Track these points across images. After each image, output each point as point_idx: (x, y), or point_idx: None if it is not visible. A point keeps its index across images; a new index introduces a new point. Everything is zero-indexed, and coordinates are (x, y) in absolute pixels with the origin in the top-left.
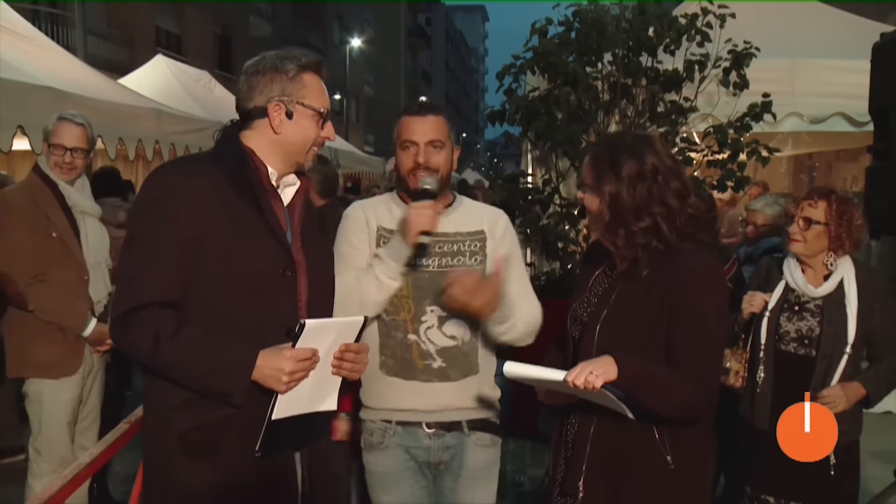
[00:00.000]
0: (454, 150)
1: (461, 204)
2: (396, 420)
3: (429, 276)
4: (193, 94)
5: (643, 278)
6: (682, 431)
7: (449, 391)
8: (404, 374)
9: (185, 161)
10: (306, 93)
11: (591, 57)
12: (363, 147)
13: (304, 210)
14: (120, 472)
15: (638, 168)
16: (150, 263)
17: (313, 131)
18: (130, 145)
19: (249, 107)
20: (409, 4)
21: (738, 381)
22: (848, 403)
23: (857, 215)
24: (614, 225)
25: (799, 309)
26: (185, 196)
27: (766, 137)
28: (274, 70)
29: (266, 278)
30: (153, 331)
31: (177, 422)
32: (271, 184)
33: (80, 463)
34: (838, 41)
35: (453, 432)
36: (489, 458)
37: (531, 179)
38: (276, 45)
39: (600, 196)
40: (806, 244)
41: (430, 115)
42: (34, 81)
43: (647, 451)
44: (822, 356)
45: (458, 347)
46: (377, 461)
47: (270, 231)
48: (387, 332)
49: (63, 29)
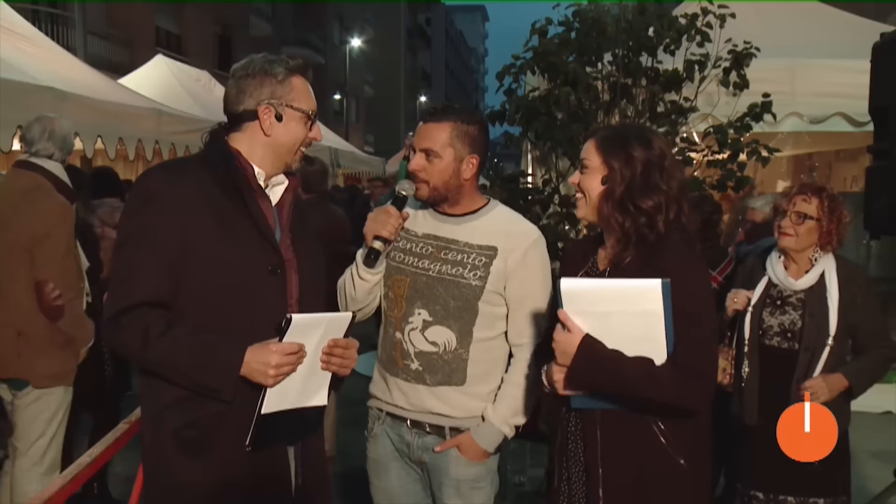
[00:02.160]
0: (468, 158)
1: (489, 212)
2: (387, 410)
3: (426, 279)
4: (193, 94)
5: (628, 273)
6: (686, 430)
7: (427, 394)
8: (390, 369)
9: (172, 164)
10: (295, 95)
11: (591, 57)
12: (363, 147)
13: (292, 208)
14: (120, 472)
15: (647, 151)
16: (139, 265)
17: (302, 132)
18: (130, 145)
19: (239, 110)
20: (409, 4)
21: (726, 378)
22: (830, 394)
23: (845, 213)
24: (623, 202)
25: (781, 303)
26: (171, 198)
27: (766, 137)
28: (263, 73)
29: (255, 277)
30: (143, 330)
31: (170, 419)
32: (258, 183)
33: (80, 463)
34: (838, 41)
35: (433, 436)
36: (474, 473)
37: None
38: (276, 45)
39: (609, 174)
40: (797, 238)
41: (431, 122)
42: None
43: (658, 456)
44: (805, 349)
45: (439, 355)
46: (370, 447)
47: (258, 230)
48: (385, 326)
49: (63, 29)
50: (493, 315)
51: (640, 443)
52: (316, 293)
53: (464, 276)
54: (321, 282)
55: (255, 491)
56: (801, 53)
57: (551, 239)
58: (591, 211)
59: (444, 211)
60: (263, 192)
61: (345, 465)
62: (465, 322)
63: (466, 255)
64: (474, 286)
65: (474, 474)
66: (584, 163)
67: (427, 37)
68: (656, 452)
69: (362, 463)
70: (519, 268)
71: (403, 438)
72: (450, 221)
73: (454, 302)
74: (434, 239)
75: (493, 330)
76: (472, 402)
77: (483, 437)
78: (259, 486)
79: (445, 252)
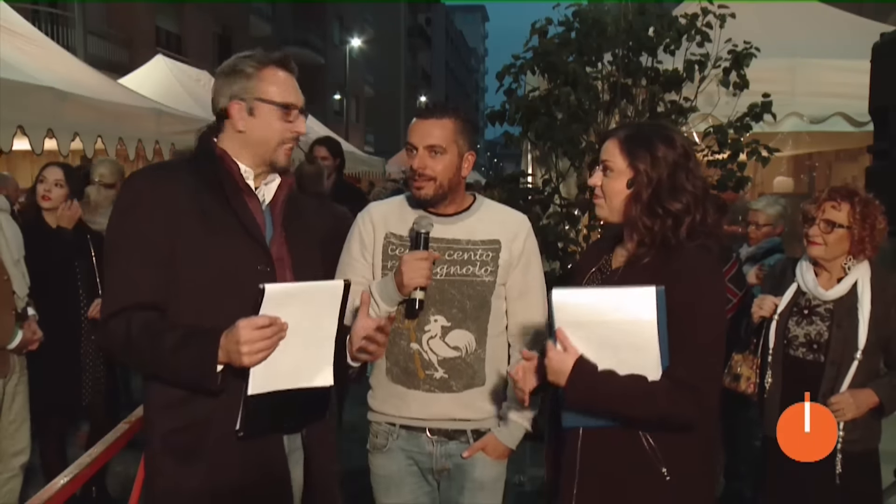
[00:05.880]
0: (467, 155)
1: (479, 208)
2: (401, 423)
3: (436, 284)
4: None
5: (639, 277)
6: (677, 441)
7: (451, 402)
8: (407, 383)
9: (158, 166)
10: (265, 87)
11: (591, 57)
12: (363, 147)
13: (286, 207)
14: (120, 472)
15: (672, 151)
16: (127, 269)
17: (278, 125)
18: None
19: (217, 109)
20: (409, 4)
21: (750, 387)
22: (858, 411)
23: (880, 218)
24: (652, 205)
25: (808, 313)
26: (157, 201)
27: (766, 137)
28: (233, 70)
29: (243, 276)
30: (125, 330)
31: (159, 423)
32: (245, 182)
33: (79, 463)
34: (838, 41)
35: (456, 441)
36: (497, 472)
37: (531, 179)
38: (276, 45)
39: (636, 176)
40: (827, 248)
41: (432, 119)
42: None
43: (640, 462)
44: (831, 362)
45: (462, 358)
46: (380, 464)
47: (244, 229)
48: (392, 338)
49: (63, 29)
50: (501, 310)
51: (622, 446)
52: None
53: (475, 274)
54: (318, 278)
55: (252, 492)
56: (801, 53)
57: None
58: (613, 213)
59: (437, 212)
60: (252, 190)
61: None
62: (481, 321)
63: (472, 253)
64: (487, 282)
65: (497, 473)
66: (606, 164)
67: (427, 37)
68: (638, 459)
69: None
70: (520, 256)
71: (423, 449)
72: (445, 222)
73: (470, 302)
74: (434, 241)
75: (501, 325)
76: (487, 402)
77: (507, 436)
78: (255, 485)
79: (450, 253)
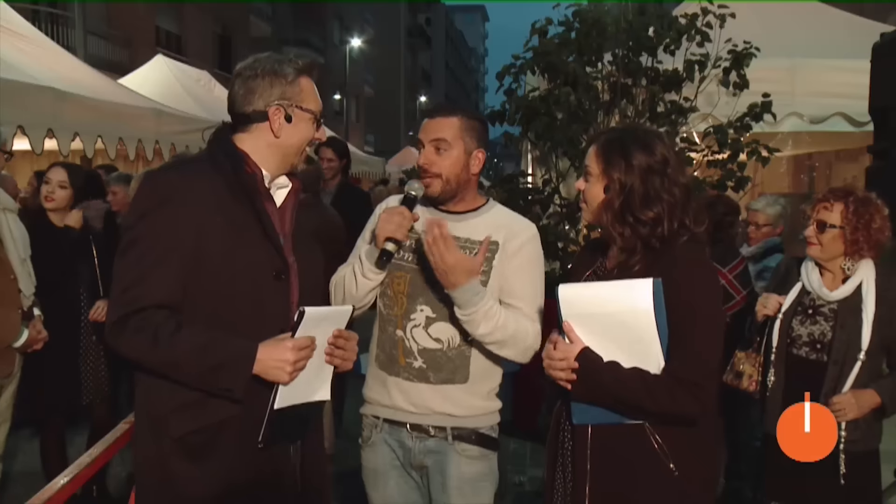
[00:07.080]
0: (476, 153)
1: (488, 210)
2: (384, 417)
3: (428, 275)
4: (193, 94)
5: (634, 275)
6: (682, 436)
7: (431, 392)
8: (389, 369)
9: (184, 164)
10: (304, 96)
11: (591, 57)
12: (363, 147)
13: (294, 212)
14: (120, 471)
15: (649, 159)
16: (151, 267)
17: (310, 133)
18: (130, 145)
19: (248, 110)
20: (409, 4)
21: (752, 384)
22: (860, 412)
23: (877, 217)
24: (622, 213)
25: (812, 312)
26: (186, 200)
27: (766, 137)
28: (273, 74)
29: (262, 282)
30: (152, 331)
31: (174, 426)
32: (266, 187)
33: (79, 463)
34: (838, 41)
35: (436, 438)
36: (477, 471)
37: (531, 179)
38: (276, 45)
39: (609, 184)
40: (822, 248)
41: (438, 116)
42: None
43: (649, 459)
44: (834, 362)
45: (443, 351)
46: (367, 457)
47: (266, 235)
48: (382, 325)
49: (63, 29)
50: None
51: (631, 444)
52: (314, 297)
53: None
54: (320, 285)
55: (263, 494)
56: (801, 53)
57: (551, 239)
58: (595, 218)
59: (446, 208)
60: (270, 195)
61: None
62: None
63: (469, 251)
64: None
65: (476, 473)
66: (587, 170)
67: (427, 37)
68: (647, 456)
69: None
70: (515, 257)
71: (403, 444)
72: (451, 218)
73: None
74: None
75: None
76: (474, 400)
77: (466, 290)
78: (262, 490)
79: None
